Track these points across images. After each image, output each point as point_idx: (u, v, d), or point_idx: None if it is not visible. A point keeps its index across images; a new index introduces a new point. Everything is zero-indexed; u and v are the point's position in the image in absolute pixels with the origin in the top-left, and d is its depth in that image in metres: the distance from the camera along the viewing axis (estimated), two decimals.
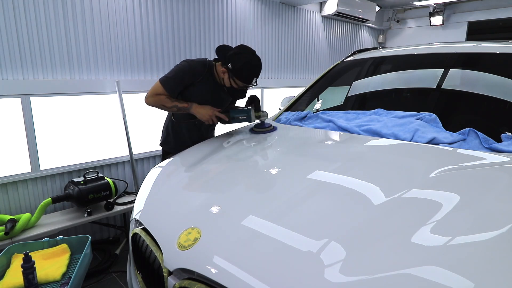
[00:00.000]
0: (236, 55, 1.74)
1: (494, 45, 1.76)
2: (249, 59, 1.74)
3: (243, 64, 1.73)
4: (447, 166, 1.14)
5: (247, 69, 1.74)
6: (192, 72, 1.84)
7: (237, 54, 1.74)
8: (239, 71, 1.74)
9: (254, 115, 1.92)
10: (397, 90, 2.10)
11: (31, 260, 1.50)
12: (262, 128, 1.86)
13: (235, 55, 1.74)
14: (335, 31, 5.00)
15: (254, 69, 1.76)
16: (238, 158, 1.59)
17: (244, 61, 1.73)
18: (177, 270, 0.95)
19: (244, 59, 1.73)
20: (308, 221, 0.94)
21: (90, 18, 2.49)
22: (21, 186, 2.35)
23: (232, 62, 1.74)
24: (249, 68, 1.75)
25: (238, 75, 1.75)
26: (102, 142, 2.71)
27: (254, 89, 3.89)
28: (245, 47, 1.79)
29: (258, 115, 1.93)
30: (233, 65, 1.74)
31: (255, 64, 1.76)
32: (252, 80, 1.78)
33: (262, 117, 1.92)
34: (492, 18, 4.93)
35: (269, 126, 1.86)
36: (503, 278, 0.69)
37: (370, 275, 0.73)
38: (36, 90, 2.29)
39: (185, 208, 1.19)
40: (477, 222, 0.85)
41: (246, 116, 1.93)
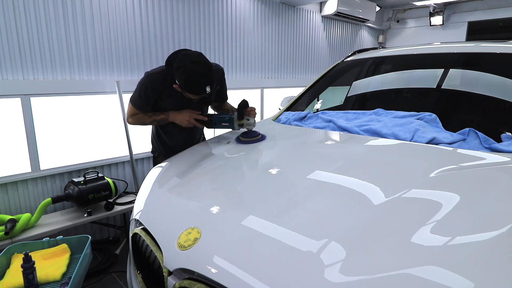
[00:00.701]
0: (178, 69, 1.62)
1: (494, 45, 1.76)
2: (190, 69, 1.60)
3: (186, 78, 1.61)
4: (447, 166, 1.14)
5: (191, 81, 1.62)
6: (153, 84, 1.80)
7: (178, 69, 1.62)
8: (185, 85, 1.63)
9: (237, 123, 1.78)
10: (397, 90, 2.10)
11: (31, 260, 1.50)
12: (248, 137, 1.71)
13: (177, 70, 1.63)
14: (335, 31, 5.00)
15: (198, 78, 1.61)
16: (238, 158, 1.59)
17: (185, 74, 1.60)
18: (177, 270, 0.95)
19: (185, 71, 1.60)
20: (308, 221, 0.94)
21: (90, 18, 2.49)
22: (21, 186, 2.35)
23: (177, 78, 1.65)
24: (194, 79, 1.61)
25: (187, 89, 1.65)
26: (102, 142, 2.71)
27: (253, 88, 3.89)
28: (184, 57, 1.64)
29: (241, 124, 1.78)
30: (179, 81, 1.65)
31: (198, 71, 1.61)
32: (204, 89, 1.63)
33: (247, 125, 1.77)
34: (492, 18, 4.93)
35: (256, 135, 1.71)
36: (503, 278, 0.69)
37: (370, 275, 0.73)
38: (36, 90, 2.29)
39: (185, 208, 1.19)
40: (477, 222, 0.85)
41: (229, 124, 1.81)
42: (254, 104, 3.93)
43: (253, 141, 1.68)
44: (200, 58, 1.65)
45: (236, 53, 3.63)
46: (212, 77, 1.66)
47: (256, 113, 1.89)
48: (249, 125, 1.77)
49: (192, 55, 1.65)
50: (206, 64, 1.65)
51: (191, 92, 1.66)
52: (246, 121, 1.78)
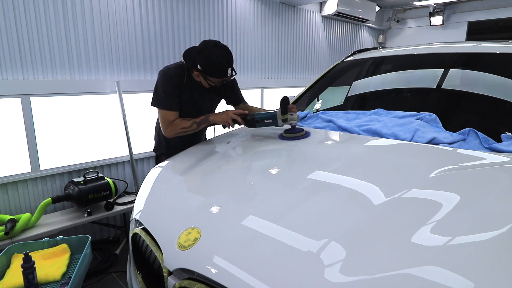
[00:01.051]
0: (200, 54, 1.67)
1: (494, 45, 1.76)
2: (213, 52, 1.65)
3: (209, 60, 1.65)
4: (447, 166, 1.14)
5: (214, 63, 1.66)
6: (172, 78, 1.79)
7: (200, 53, 1.67)
8: (208, 68, 1.67)
9: (281, 119, 1.74)
10: (397, 90, 2.10)
11: (31, 260, 1.50)
12: (292, 133, 1.68)
13: (199, 54, 1.67)
14: (335, 31, 5.00)
15: (221, 60, 1.66)
16: (239, 158, 1.59)
17: (208, 57, 1.65)
18: (177, 270, 0.95)
19: (208, 54, 1.65)
20: (308, 221, 0.94)
21: (90, 18, 2.50)
22: (21, 186, 2.35)
23: (199, 63, 1.68)
24: (217, 61, 1.66)
25: (209, 73, 1.68)
26: (102, 142, 2.71)
27: (253, 88, 3.89)
28: (206, 42, 1.70)
29: (285, 119, 1.73)
30: (201, 65, 1.67)
31: (221, 54, 1.67)
32: (226, 71, 1.68)
33: (291, 121, 1.72)
34: (492, 18, 4.93)
35: (300, 131, 1.67)
36: (503, 278, 0.69)
37: (370, 275, 0.73)
38: (36, 90, 2.29)
39: (185, 208, 1.19)
40: (477, 222, 0.85)
41: (272, 120, 1.77)
42: (254, 104, 3.93)
43: (297, 137, 1.64)
44: (220, 43, 1.71)
45: (236, 53, 3.63)
46: (232, 61, 1.71)
47: (296, 110, 1.86)
48: (292, 120, 1.73)
49: (213, 41, 1.71)
50: (226, 48, 1.70)
51: (214, 75, 1.68)
52: (290, 116, 1.72)
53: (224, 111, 1.84)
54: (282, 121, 1.74)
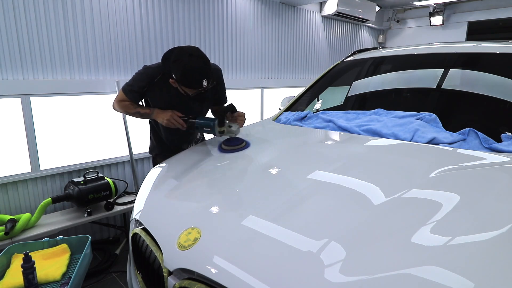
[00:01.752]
0: (174, 63, 1.60)
1: (494, 45, 1.76)
2: (187, 63, 1.57)
3: (182, 71, 1.58)
4: (447, 166, 1.14)
5: (188, 74, 1.59)
6: (146, 76, 1.78)
7: (175, 62, 1.60)
8: (183, 79, 1.60)
9: (218, 130, 1.65)
10: (397, 90, 2.10)
11: (31, 260, 1.50)
12: (230, 145, 1.60)
13: (173, 63, 1.61)
14: (335, 31, 5.00)
15: (195, 72, 1.58)
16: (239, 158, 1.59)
17: (183, 67, 1.57)
18: (177, 270, 0.95)
19: (182, 64, 1.57)
20: (308, 221, 0.94)
21: (90, 18, 2.50)
22: (21, 186, 2.35)
23: (173, 72, 1.62)
24: (190, 73, 1.58)
25: (183, 83, 1.62)
26: (102, 142, 2.71)
27: (253, 88, 3.89)
28: (181, 50, 1.62)
29: (221, 131, 1.65)
30: (175, 74, 1.62)
31: (194, 66, 1.58)
32: (200, 83, 1.59)
33: (228, 133, 1.65)
34: (492, 18, 4.93)
35: (239, 144, 1.59)
36: (503, 278, 0.69)
37: (370, 275, 0.73)
38: (36, 90, 2.29)
39: (185, 208, 1.19)
40: (477, 222, 0.85)
41: (210, 129, 1.69)
42: (254, 104, 3.94)
43: (234, 150, 1.56)
44: (197, 52, 1.63)
45: (236, 53, 3.63)
46: (210, 71, 1.63)
47: (244, 119, 1.80)
48: (230, 132, 1.64)
49: (190, 49, 1.62)
50: (203, 57, 1.63)
51: (188, 86, 1.62)
52: (227, 128, 1.65)
53: (170, 111, 1.79)
54: (219, 133, 1.66)
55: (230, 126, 1.66)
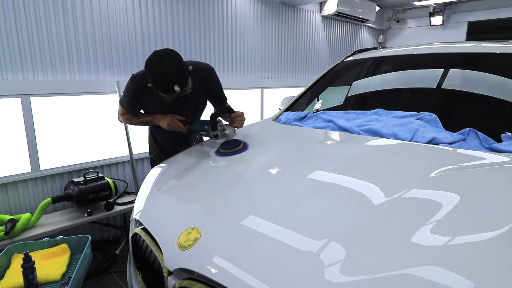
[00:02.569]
0: (146, 67, 1.56)
1: (494, 45, 1.76)
2: (156, 68, 1.52)
3: (151, 76, 1.54)
4: (447, 166, 1.14)
5: (158, 79, 1.53)
6: (133, 86, 1.76)
7: (146, 67, 1.56)
8: (153, 84, 1.56)
9: (212, 134, 1.60)
10: (397, 90, 2.10)
11: (31, 260, 1.50)
12: (226, 149, 1.56)
13: (145, 67, 1.57)
14: (335, 31, 5.00)
15: (164, 77, 1.51)
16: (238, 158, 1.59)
17: (151, 72, 1.54)
18: (177, 270, 0.95)
19: (151, 71, 1.54)
20: (308, 221, 0.94)
21: (90, 18, 2.49)
22: (21, 186, 2.35)
23: (147, 76, 1.58)
24: (160, 78, 1.52)
25: (156, 88, 1.57)
26: (102, 142, 2.71)
27: (253, 88, 3.89)
28: (153, 55, 1.56)
29: (215, 134, 1.60)
30: (148, 79, 1.57)
31: (163, 70, 1.51)
32: (172, 88, 1.53)
33: (223, 137, 1.61)
34: (492, 18, 4.93)
35: (236, 146, 1.55)
36: (503, 278, 0.69)
37: (370, 275, 0.73)
38: (36, 90, 2.29)
39: (185, 208, 1.19)
40: (477, 222, 0.85)
41: (206, 133, 1.65)
42: (254, 104, 3.94)
43: (231, 153, 1.52)
44: (169, 57, 1.55)
45: (236, 53, 3.63)
46: (182, 76, 1.55)
47: (243, 119, 1.76)
48: (225, 136, 1.60)
49: (162, 53, 1.56)
50: (174, 62, 1.55)
51: (160, 91, 1.58)
52: (221, 131, 1.60)
53: (170, 115, 1.80)
54: (213, 137, 1.62)
55: (224, 129, 1.61)
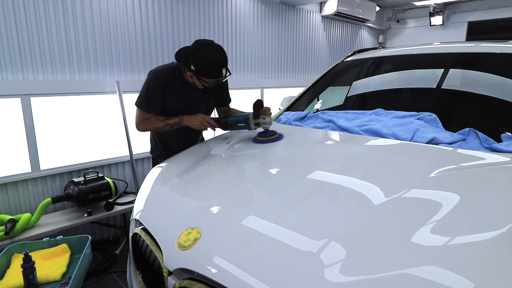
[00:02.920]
0: (193, 54, 1.64)
1: (494, 45, 1.76)
2: (206, 52, 1.63)
3: (202, 61, 1.63)
4: (447, 166, 1.14)
5: (208, 63, 1.63)
6: (158, 80, 1.78)
7: (194, 54, 1.64)
8: (202, 68, 1.64)
9: (253, 122, 1.74)
10: (397, 90, 2.10)
11: (31, 260, 1.50)
12: (265, 136, 1.68)
13: (192, 55, 1.65)
14: (335, 31, 5.00)
15: (215, 60, 1.64)
16: (239, 158, 1.59)
17: (201, 57, 1.62)
18: (177, 270, 0.95)
19: (201, 54, 1.62)
20: (308, 221, 0.94)
21: (90, 18, 2.49)
22: (21, 186, 2.35)
23: (192, 63, 1.65)
24: (210, 61, 1.63)
25: (203, 73, 1.66)
26: (102, 142, 2.71)
27: (253, 88, 3.89)
28: (199, 42, 1.68)
29: (257, 122, 1.73)
30: (194, 65, 1.65)
31: (215, 54, 1.64)
32: (220, 72, 1.66)
33: (263, 124, 1.72)
34: (492, 18, 4.93)
35: (273, 134, 1.68)
36: (503, 278, 0.69)
37: (370, 275, 0.73)
38: (36, 90, 2.29)
39: (185, 208, 1.19)
40: (477, 222, 0.85)
41: (245, 124, 1.78)
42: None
43: (270, 140, 1.65)
44: (213, 43, 1.68)
45: (236, 53, 3.63)
46: (227, 60, 1.69)
47: (271, 112, 1.84)
48: (265, 123, 1.72)
49: (206, 40, 1.68)
50: (221, 48, 1.68)
51: (209, 76, 1.66)
52: (262, 119, 1.72)
53: (199, 114, 1.83)
54: (254, 125, 1.74)
55: (264, 117, 1.72)
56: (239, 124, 1.79)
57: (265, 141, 1.64)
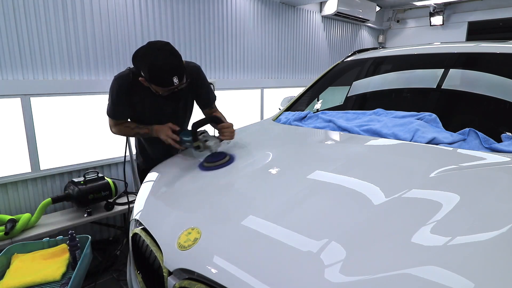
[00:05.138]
0: (142, 58, 1.45)
1: (494, 45, 1.76)
2: (155, 58, 1.42)
3: (151, 68, 1.42)
4: (447, 166, 1.14)
5: (157, 71, 1.42)
6: (119, 87, 1.62)
7: (142, 58, 1.45)
8: (151, 76, 1.44)
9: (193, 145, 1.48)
10: (397, 90, 2.10)
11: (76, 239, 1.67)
12: (212, 162, 1.41)
13: (141, 59, 1.45)
14: (335, 31, 5.00)
15: (163, 67, 1.42)
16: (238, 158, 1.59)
17: (150, 64, 1.42)
18: (177, 270, 0.95)
19: (150, 61, 1.42)
20: (308, 221, 0.94)
21: (90, 18, 2.49)
22: (21, 186, 2.34)
23: (142, 69, 1.46)
24: (158, 68, 1.42)
25: (152, 81, 1.46)
26: (102, 142, 2.71)
27: (253, 88, 3.89)
28: (150, 46, 1.47)
29: (196, 146, 1.46)
30: (144, 72, 1.45)
31: (164, 61, 1.42)
32: (171, 80, 1.43)
33: (205, 149, 1.47)
34: (492, 18, 4.93)
35: (221, 158, 1.41)
36: (503, 278, 0.69)
37: (370, 275, 0.73)
38: (36, 90, 2.29)
39: (185, 208, 1.19)
40: (477, 222, 0.85)
41: (190, 144, 1.52)
42: (254, 104, 3.93)
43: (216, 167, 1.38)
44: (166, 46, 1.48)
45: (236, 53, 3.63)
46: (182, 68, 1.47)
47: (232, 130, 1.60)
48: (207, 148, 1.47)
49: (158, 43, 1.48)
50: (173, 52, 1.47)
51: (157, 84, 1.47)
52: (203, 143, 1.46)
53: (165, 126, 1.63)
54: (194, 149, 1.48)
55: (206, 140, 1.47)
56: (187, 143, 1.54)
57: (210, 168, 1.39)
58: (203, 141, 1.47)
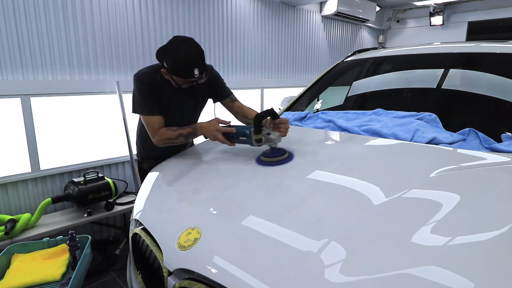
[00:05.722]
0: (167, 51, 1.51)
1: (494, 45, 1.76)
2: (178, 50, 1.48)
3: (174, 58, 1.48)
4: (447, 166, 1.14)
5: (180, 61, 1.48)
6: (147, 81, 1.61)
7: (168, 51, 1.51)
8: (173, 67, 1.49)
9: (254, 138, 1.40)
10: (397, 90, 2.10)
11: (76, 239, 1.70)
12: (270, 157, 1.36)
13: (166, 51, 1.51)
14: (335, 31, 5.00)
15: (187, 58, 1.47)
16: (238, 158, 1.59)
17: (174, 55, 1.48)
18: (177, 270, 0.95)
19: (174, 52, 1.48)
20: (308, 221, 0.94)
21: (90, 18, 2.49)
22: (21, 186, 2.34)
23: (165, 61, 1.52)
24: (181, 59, 1.47)
25: (173, 72, 1.51)
26: (102, 142, 2.71)
27: (253, 88, 3.89)
28: (175, 39, 1.53)
29: (258, 139, 1.39)
30: (167, 63, 1.51)
31: (187, 51, 1.48)
32: (192, 72, 1.48)
33: (267, 142, 1.40)
34: (492, 18, 4.93)
35: (281, 154, 1.36)
36: (503, 278, 0.69)
37: (370, 275, 0.73)
38: (36, 90, 2.29)
39: (185, 208, 1.19)
40: (477, 222, 0.85)
41: (247, 138, 1.46)
42: (254, 104, 3.93)
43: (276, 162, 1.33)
44: (191, 41, 1.53)
45: (236, 53, 3.63)
46: (203, 61, 1.53)
47: (288, 126, 1.53)
48: (269, 141, 1.40)
49: (183, 37, 1.54)
50: (196, 46, 1.52)
51: (178, 75, 1.51)
52: (265, 135, 1.40)
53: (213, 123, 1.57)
54: (255, 142, 1.41)
55: (269, 133, 1.41)
56: (241, 138, 1.50)
57: (269, 163, 1.35)
58: (266, 134, 1.40)
